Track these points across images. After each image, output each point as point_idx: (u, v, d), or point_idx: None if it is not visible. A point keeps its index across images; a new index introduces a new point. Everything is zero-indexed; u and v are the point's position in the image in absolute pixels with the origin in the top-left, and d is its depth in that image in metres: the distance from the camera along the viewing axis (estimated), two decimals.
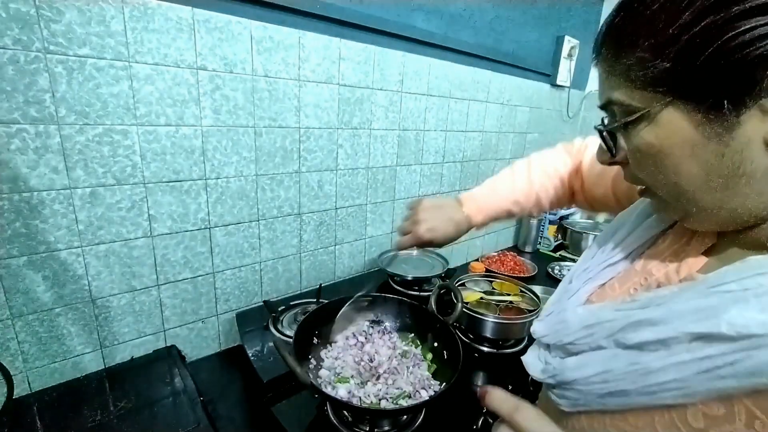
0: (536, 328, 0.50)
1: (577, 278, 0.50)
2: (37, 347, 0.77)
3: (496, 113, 1.60)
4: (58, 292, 0.77)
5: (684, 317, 0.33)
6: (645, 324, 0.36)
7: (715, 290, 0.32)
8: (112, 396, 0.77)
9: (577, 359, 0.42)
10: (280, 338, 0.90)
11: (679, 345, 0.33)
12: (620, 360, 0.37)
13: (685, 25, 0.29)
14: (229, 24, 0.84)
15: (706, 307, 0.32)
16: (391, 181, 1.30)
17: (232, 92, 0.88)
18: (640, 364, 0.35)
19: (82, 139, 0.73)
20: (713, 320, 0.31)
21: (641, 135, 0.34)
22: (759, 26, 0.27)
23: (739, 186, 0.32)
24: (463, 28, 1.35)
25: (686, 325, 0.32)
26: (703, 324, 0.31)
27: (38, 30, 0.65)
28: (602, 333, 0.40)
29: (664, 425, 0.34)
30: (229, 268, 0.99)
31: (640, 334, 0.36)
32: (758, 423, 0.28)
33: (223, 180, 0.92)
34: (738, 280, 0.31)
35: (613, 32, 0.35)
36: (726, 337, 0.30)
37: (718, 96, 0.29)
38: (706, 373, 0.31)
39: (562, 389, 0.43)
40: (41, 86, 0.67)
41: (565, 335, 0.44)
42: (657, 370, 0.34)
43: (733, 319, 0.30)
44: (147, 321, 0.89)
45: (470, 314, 1.00)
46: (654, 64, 0.31)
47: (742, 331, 0.29)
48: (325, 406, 0.76)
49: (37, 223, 0.72)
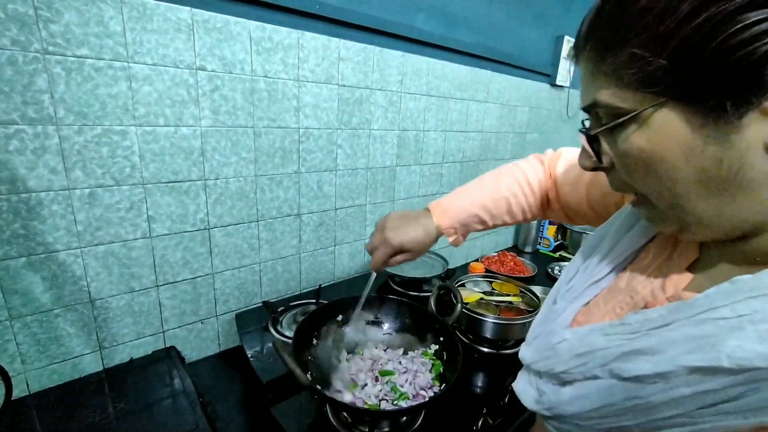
0: (524, 355, 0.48)
1: (561, 298, 0.48)
2: (36, 348, 0.76)
3: (495, 113, 1.60)
4: (57, 293, 0.76)
5: (678, 346, 0.31)
6: (639, 354, 0.34)
7: (706, 316, 0.30)
8: (111, 397, 0.77)
9: (572, 390, 0.40)
10: (280, 339, 0.90)
11: (678, 378, 0.31)
12: (618, 393, 0.35)
13: (683, 17, 0.26)
14: (228, 24, 0.84)
15: (700, 335, 0.30)
16: (391, 182, 1.30)
17: (231, 93, 0.88)
18: (640, 398, 0.33)
19: (80, 140, 0.73)
20: (712, 353, 0.28)
21: (631, 139, 0.32)
22: (763, 20, 0.24)
23: (737, 193, 0.30)
24: (463, 28, 1.35)
25: (682, 357, 0.30)
26: (700, 356, 0.29)
27: (37, 30, 0.65)
28: (596, 362, 0.37)
29: None
30: (229, 268, 0.99)
31: (636, 365, 0.33)
32: None
33: (222, 181, 0.92)
34: (730, 304, 0.29)
35: (599, 26, 0.32)
36: (727, 370, 0.28)
37: (720, 96, 0.27)
38: (710, 408, 0.29)
39: (560, 422, 0.41)
40: (40, 87, 0.67)
41: (556, 363, 0.42)
42: (658, 404, 0.32)
43: (733, 352, 0.28)
44: (146, 322, 0.89)
45: (470, 315, 1.00)
46: (648, 62, 0.28)
47: (743, 365, 0.27)
48: (324, 407, 0.76)
49: (36, 224, 0.72)
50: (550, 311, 0.48)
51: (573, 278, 0.48)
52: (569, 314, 0.46)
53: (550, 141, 1.98)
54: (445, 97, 1.37)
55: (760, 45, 0.24)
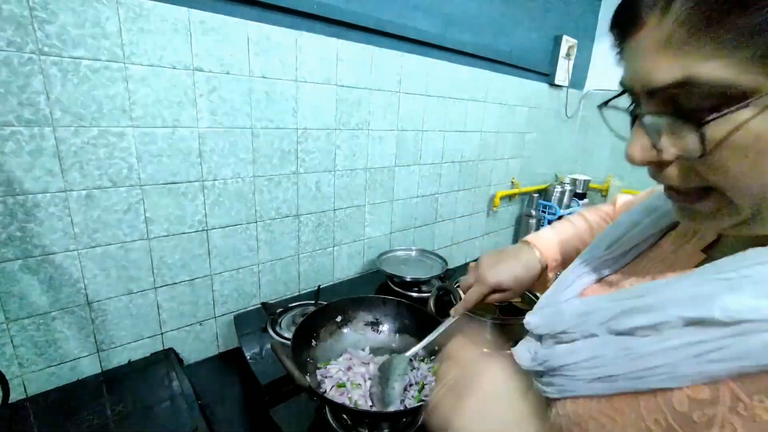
0: (529, 320, 0.49)
1: (572, 272, 0.49)
2: (33, 351, 0.76)
3: (494, 113, 1.60)
4: (54, 296, 0.76)
5: (678, 304, 0.32)
6: (638, 311, 0.35)
7: (709, 278, 0.31)
8: (109, 400, 0.76)
9: (567, 346, 0.42)
10: (278, 341, 0.89)
11: (671, 330, 0.32)
12: (611, 346, 0.36)
13: None
14: (226, 25, 0.84)
15: (700, 294, 0.31)
16: (390, 182, 1.29)
17: (229, 93, 0.88)
18: (631, 349, 0.34)
19: (77, 142, 0.72)
20: (707, 305, 0.30)
21: (749, 126, 0.26)
22: None
23: None
24: (461, 28, 1.35)
25: (680, 311, 0.31)
26: (696, 309, 0.30)
27: (32, 32, 0.65)
28: (595, 320, 0.39)
29: (649, 409, 0.33)
30: (227, 270, 0.99)
31: (632, 319, 0.35)
32: (741, 406, 0.28)
33: (220, 182, 0.92)
34: (737, 269, 0.30)
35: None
36: (718, 322, 0.29)
37: None
38: (695, 358, 0.30)
39: (549, 377, 0.43)
40: (35, 88, 0.67)
41: (558, 324, 0.44)
42: (647, 354, 0.33)
43: (726, 305, 0.29)
44: (144, 324, 0.89)
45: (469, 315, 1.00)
46: None
47: (734, 317, 0.28)
48: (323, 409, 0.76)
49: (32, 226, 0.71)
50: (560, 283, 0.49)
51: (588, 255, 0.50)
52: (578, 286, 0.47)
53: (549, 141, 1.98)
54: (444, 97, 1.36)
55: None
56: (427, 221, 1.50)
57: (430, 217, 1.50)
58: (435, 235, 1.56)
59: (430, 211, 1.49)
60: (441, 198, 1.51)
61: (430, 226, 1.52)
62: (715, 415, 0.29)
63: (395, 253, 1.35)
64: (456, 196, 1.58)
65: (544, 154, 1.98)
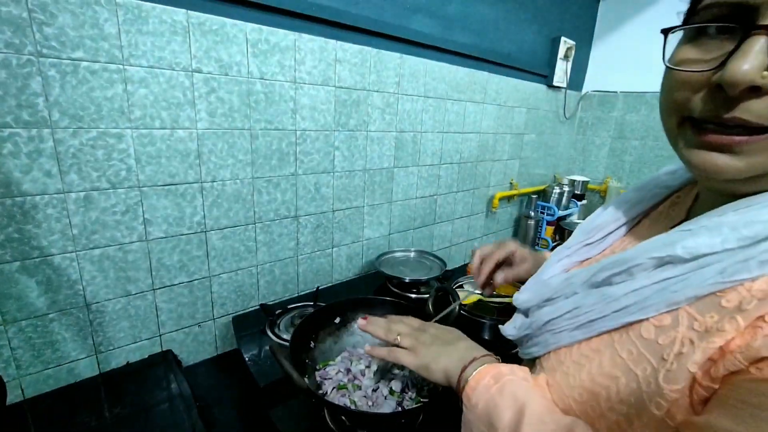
0: (518, 297, 0.54)
1: (556, 254, 0.55)
2: (31, 353, 0.76)
3: (493, 114, 1.60)
4: (52, 298, 0.76)
5: (647, 251, 0.37)
6: (615, 264, 0.40)
7: (675, 231, 0.37)
8: (107, 402, 0.76)
9: (551, 306, 0.46)
10: (277, 342, 0.89)
11: (642, 272, 0.37)
12: (590, 297, 0.41)
13: None
14: (224, 26, 0.84)
15: (668, 241, 0.36)
16: (389, 183, 1.30)
17: (228, 95, 0.88)
18: (608, 295, 0.39)
19: (75, 143, 0.72)
20: (671, 246, 0.35)
21: None
22: None
23: None
24: (460, 29, 1.35)
25: (649, 253, 0.37)
26: (662, 251, 0.36)
27: (30, 33, 0.65)
28: (577, 282, 0.44)
29: (621, 343, 0.38)
30: (226, 271, 0.99)
31: (610, 271, 0.40)
32: (696, 323, 0.33)
33: (219, 183, 0.92)
34: (696, 222, 0.36)
35: None
36: (680, 258, 0.35)
37: None
38: (660, 292, 0.35)
39: (535, 337, 0.47)
40: (34, 90, 0.67)
41: (545, 292, 0.48)
42: (620, 296, 0.38)
43: (686, 244, 0.35)
44: (142, 326, 0.88)
45: (468, 317, 1.00)
46: None
47: (693, 252, 0.34)
48: (322, 410, 0.76)
49: (30, 228, 0.71)
50: (544, 266, 0.55)
51: (568, 243, 0.55)
52: (559, 267, 0.52)
53: (548, 142, 1.99)
54: (443, 98, 1.37)
55: None
56: (426, 222, 1.50)
57: (428, 218, 1.50)
58: (434, 237, 1.56)
59: (429, 213, 1.49)
60: (440, 199, 1.51)
61: (428, 228, 1.52)
62: (675, 336, 0.34)
63: (394, 255, 1.35)
64: (455, 197, 1.58)
65: (542, 155, 1.99)
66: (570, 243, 0.54)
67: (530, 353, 0.48)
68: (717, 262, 0.33)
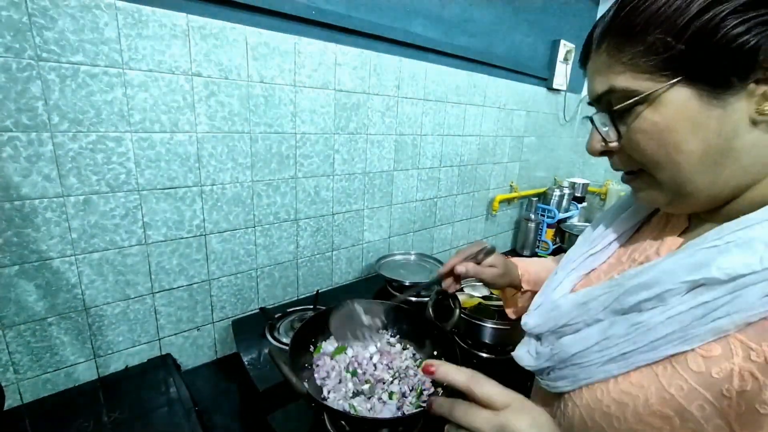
0: (527, 321, 0.52)
1: (561, 269, 0.53)
2: (29, 358, 0.76)
3: (492, 117, 1.60)
4: (51, 302, 0.76)
5: (674, 273, 0.36)
6: (639, 288, 0.38)
7: (701, 248, 0.36)
8: (105, 406, 0.76)
9: (573, 336, 0.43)
10: (276, 346, 0.89)
11: (675, 297, 0.36)
12: (618, 325, 0.39)
13: (694, 15, 0.33)
14: (224, 30, 0.84)
15: (696, 261, 0.35)
16: (388, 186, 1.29)
17: (228, 98, 0.88)
18: (640, 323, 0.37)
19: (75, 147, 0.72)
20: (704, 269, 0.34)
21: (644, 115, 0.37)
22: (757, 17, 0.31)
23: (728, 162, 0.35)
24: (459, 32, 1.36)
25: (680, 277, 0.35)
26: (696, 273, 0.34)
27: (30, 37, 0.65)
28: (598, 307, 0.42)
29: (668, 377, 0.35)
30: (225, 275, 0.99)
31: (636, 296, 0.38)
32: (753, 354, 0.31)
33: (218, 186, 0.91)
34: (719, 237, 0.35)
35: (618, 26, 0.38)
36: (717, 280, 0.33)
37: (725, 75, 0.33)
38: (702, 318, 0.33)
39: (558, 370, 0.44)
40: (33, 93, 0.67)
41: (558, 319, 0.46)
42: (657, 325, 0.36)
43: (721, 264, 0.33)
44: (141, 329, 0.88)
45: (468, 320, 0.99)
46: (668, 49, 0.34)
47: (730, 273, 0.32)
48: (322, 415, 0.75)
49: (29, 232, 0.71)
50: (550, 282, 0.53)
51: (571, 255, 0.54)
52: (567, 283, 0.50)
53: (548, 144, 1.99)
54: (442, 101, 1.37)
55: (751, 36, 0.31)
56: (426, 225, 1.49)
57: (428, 221, 1.50)
58: (434, 239, 1.56)
59: (429, 215, 1.49)
60: (440, 202, 1.51)
61: (428, 230, 1.51)
62: (732, 369, 0.32)
63: (394, 258, 1.35)
64: (455, 200, 1.58)
65: (542, 157, 1.98)
66: (574, 255, 0.53)
67: (557, 387, 0.44)
68: (759, 282, 0.32)
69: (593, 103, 0.42)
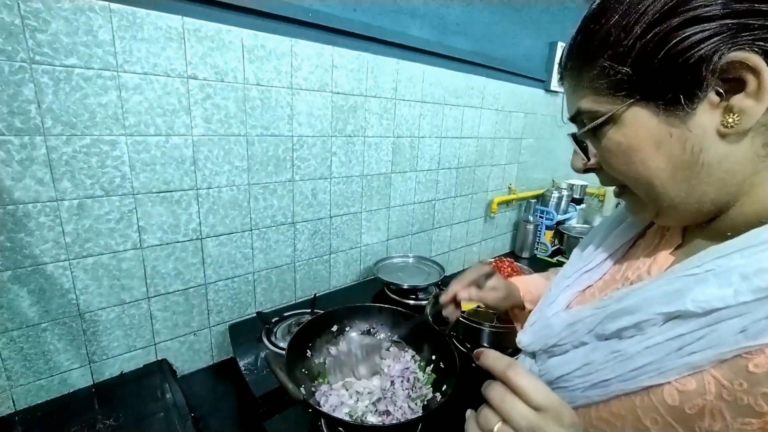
0: (521, 339, 0.52)
1: (555, 286, 0.52)
2: (22, 364, 0.75)
3: (490, 119, 1.60)
4: (45, 307, 0.75)
5: (653, 301, 0.36)
6: (621, 313, 0.38)
7: (680, 276, 0.35)
8: (100, 413, 0.75)
9: (560, 358, 0.44)
10: (272, 351, 0.88)
11: (653, 327, 0.36)
12: (600, 351, 0.39)
13: (637, 36, 0.33)
14: (220, 33, 0.83)
15: (673, 290, 0.35)
16: (386, 189, 1.29)
17: (224, 101, 0.87)
18: (619, 352, 0.37)
19: (69, 150, 0.71)
20: (680, 300, 0.34)
21: (609, 135, 0.38)
22: (696, 33, 0.31)
23: (701, 176, 0.35)
24: (457, 34, 1.36)
25: (657, 308, 0.35)
26: (671, 304, 0.34)
27: (23, 40, 0.64)
28: (583, 329, 0.42)
29: (645, 409, 0.35)
30: (222, 279, 0.98)
31: (617, 322, 0.38)
32: (725, 392, 0.31)
33: (214, 190, 0.91)
34: (700, 264, 0.34)
35: (576, 50, 0.39)
36: (692, 313, 0.33)
37: (674, 92, 0.33)
38: (678, 351, 0.33)
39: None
40: (26, 97, 0.66)
41: (549, 338, 0.46)
42: (634, 354, 0.36)
43: (696, 297, 0.33)
44: (137, 335, 0.87)
45: (467, 324, 0.99)
46: (616, 71, 0.35)
47: (705, 307, 0.32)
48: (319, 421, 0.74)
49: (23, 236, 0.70)
50: (546, 299, 0.53)
51: (566, 270, 0.53)
52: (563, 300, 0.50)
53: (546, 146, 1.99)
54: (440, 103, 1.36)
55: (695, 52, 0.31)
56: (424, 228, 1.49)
57: (427, 223, 1.49)
58: (432, 242, 1.55)
59: (427, 218, 1.49)
60: (438, 204, 1.51)
61: (427, 233, 1.51)
62: (704, 405, 0.32)
63: (392, 260, 1.35)
64: (453, 202, 1.57)
65: (540, 159, 1.98)
66: (569, 271, 0.52)
67: None
68: (734, 316, 0.31)
69: (572, 121, 0.44)
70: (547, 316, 0.49)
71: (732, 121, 0.32)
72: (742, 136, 0.33)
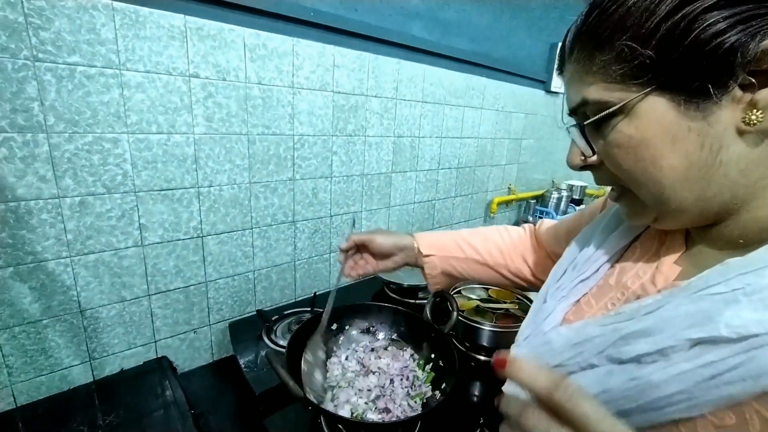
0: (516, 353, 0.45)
1: (551, 297, 0.48)
2: (24, 360, 0.75)
3: (491, 119, 1.60)
4: (46, 304, 0.75)
5: (676, 324, 0.32)
6: (637, 335, 0.34)
7: (702, 294, 0.31)
8: (100, 409, 0.75)
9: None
10: (272, 349, 0.88)
11: (678, 354, 0.31)
12: (617, 377, 0.34)
13: (664, 16, 0.30)
14: (222, 31, 0.84)
15: (697, 311, 0.31)
16: (387, 188, 1.29)
17: (225, 100, 0.87)
18: (640, 378, 0.32)
19: (71, 148, 0.72)
20: (710, 324, 0.30)
21: (619, 127, 0.34)
22: (731, 16, 0.28)
23: (716, 177, 0.32)
24: (458, 35, 1.36)
25: (682, 332, 0.31)
26: (700, 329, 0.30)
27: (26, 38, 0.64)
28: (592, 350, 0.37)
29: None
30: (222, 277, 0.98)
31: (635, 346, 0.34)
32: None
33: (215, 188, 0.91)
34: (724, 281, 0.31)
35: (587, 32, 0.36)
36: (726, 339, 0.29)
37: (702, 80, 0.30)
38: (711, 380, 0.29)
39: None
40: (29, 94, 0.66)
41: (551, 357, 0.41)
42: (659, 383, 0.31)
43: (730, 321, 0.29)
44: (137, 332, 0.88)
45: (466, 323, 0.99)
46: (636, 56, 0.31)
47: (741, 332, 0.28)
48: (318, 419, 0.75)
49: (24, 233, 0.70)
50: (540, 310, 0.49)
51: (562, 277, 0.49)
52: (559, 313, 0.46)
53: (546, 147, 1.99)
54: (441, 103, 1.37)
55: (727, 37, 0.28)
56: (424, 227, 1.49)
57: (427, 223, 1.50)
58: None
59: (427, 218, 1.49)
60: (438, 204, 1.51)
61: None
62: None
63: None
64: (453, 202, 1.58)
65: (540, 160, 1.99)
66: (563, 282, 0.48)
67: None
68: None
69: (572, 114, 0.40)
70: (544, 331, 0.45)
71: (756, 118, 0.29)
72: (763, 136, 0.30)
